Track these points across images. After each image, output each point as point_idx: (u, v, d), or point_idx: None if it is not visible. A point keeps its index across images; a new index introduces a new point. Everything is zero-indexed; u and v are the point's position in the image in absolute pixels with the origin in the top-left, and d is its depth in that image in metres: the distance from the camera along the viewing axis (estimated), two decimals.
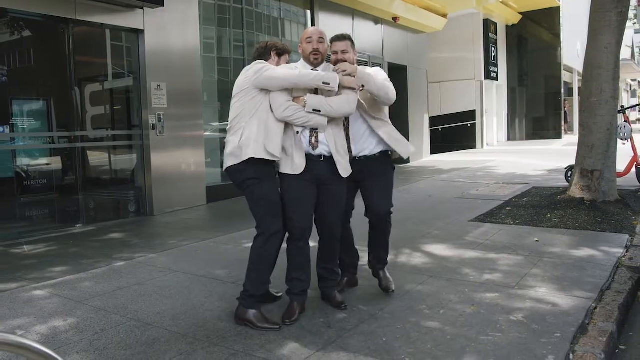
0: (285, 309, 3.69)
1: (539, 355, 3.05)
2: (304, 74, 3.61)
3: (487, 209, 7.39)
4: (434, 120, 19.04)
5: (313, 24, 12.00)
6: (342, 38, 3.97)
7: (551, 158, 14.05)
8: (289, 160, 3.63)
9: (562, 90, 24.07)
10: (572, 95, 27.94)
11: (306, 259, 3.73)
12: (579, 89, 7.34)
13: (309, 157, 3.64)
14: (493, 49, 21.01)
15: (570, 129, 26.42)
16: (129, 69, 8.45)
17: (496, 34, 21.43)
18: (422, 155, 16.37)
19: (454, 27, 18.86)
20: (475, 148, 20.29)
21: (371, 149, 3.98)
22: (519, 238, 5.78)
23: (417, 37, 16.45)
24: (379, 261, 4.16)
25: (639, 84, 57.61)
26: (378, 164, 4.00)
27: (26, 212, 7.63)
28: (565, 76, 25.37)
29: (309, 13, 12.07)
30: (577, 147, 7.66)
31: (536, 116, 24.05)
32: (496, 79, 21.58)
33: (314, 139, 3.64)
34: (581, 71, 8.17)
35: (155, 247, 5.97)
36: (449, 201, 8.32)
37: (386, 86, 3.83)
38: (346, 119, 3.87)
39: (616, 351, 3.39)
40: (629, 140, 8.51)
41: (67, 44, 7.45)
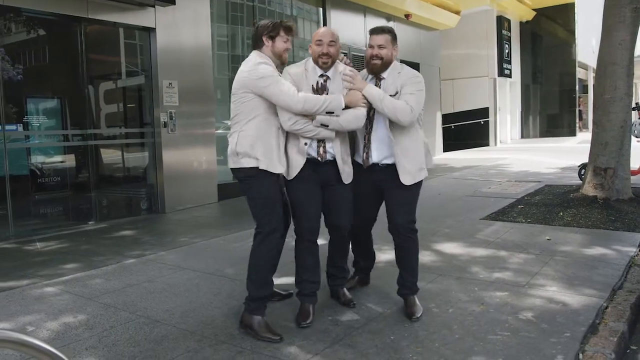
0: (298, 311, 3.60)
1: (548, 355, 3.03)
2: (309, 100, 3.36)
3: (499, 207, 7.34)
4: (446, 118, 18.93)
5: (325, 21, 11.99)
6: (381, 31, 3.68)
7: (565, 156, 13.92)
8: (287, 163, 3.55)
9: (577, 87, 23.86)
10: (587, 93, 27.67)
11: (315, 260, 3.63)
12: (593, 85, 7.26)
13: (314, 160, 3.54)
14: (506, 45, 20.87)
15: (584, 127, 26.19)
16: (140, 67, 8.49)
17: (510, 30, 21.28)
18: (434, 153, 16.29)
19: (467, 24, 18.76)
20: (488, 146, 20.19)
21: (390, 155, 3.64)
22: (530, 236, 5.74)
23: (430, 34, 16.36)
24: (403, 285, 3.76)
25: None
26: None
27: (40, 210, 7.70)
28: (579, 73, 25.15)
29: (320, 10, 12.05)
30: (590, 145, 7.59)
31: (550, 113, 23.88)
32: (510, 76, 21.44)
33: (322, 149, 3.52)
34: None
35: (165, 244, 6.00)
36: (460, 199, 8.27)
37: (395, 108, 3.46)
38: (369, 123, 3.64)
39: (627, 351, 3.35)
40: None
41: (79, 42, 7.51)
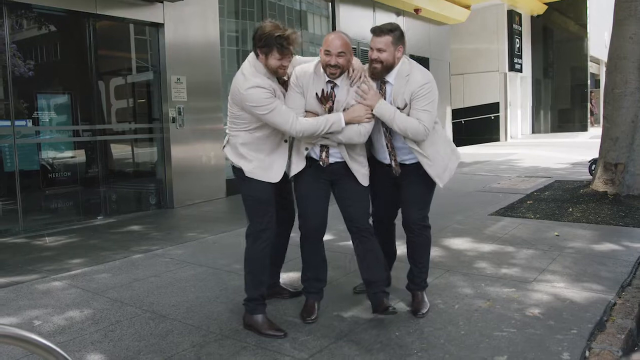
0: (303, 306, 3.58)
1: (554, 351, 3.00)
2: (307, 130, 3.22)
3: (508, 203, 7.30)
4: (456, 113, 18.86)
5: (334, 16, 11.95)
6: (380, 32, 3.37)
7: (576, 151, 13.82)
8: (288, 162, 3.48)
9: (589, 82, 23.64)
10: (599, 87, 27.42)
11: (319, 258, 3.56)
12: (605, 80, 7.19)
13: (317, 162, 3.43)
14: (517, 40, 20.70)
15: (596, 122, 25.96)
16: (149, 62, 8.50)
17: (521, 25, 21.10)
18: None
19: (477, 18, 18.65)
20: (498, 141, 20.07)
21: (409, 158, 3.53)
22: (538, 232, 5.70)
23: (440, 28, 16.28)
24: (412, 280, 3.71)
25: None
26: (415, 170, 3.51)
27: (49, 205, 7.74)
28: (592, 67, 24.92)
29: (330, 5, 12.02)
30: (600, 140, 7.52)
31: (561, 108, 23.69)
32: (520, 70, 21.27)
33: (324, 154, 3.39)
34: None
35: (173, 239, 6.02)
36: (469, 194, 8.23)
37: (407, 129, 3.31)
38: (387, 130, 3.48)
39: (635, 348, 3.32)
40: None
41: (88, 38, 7.53)
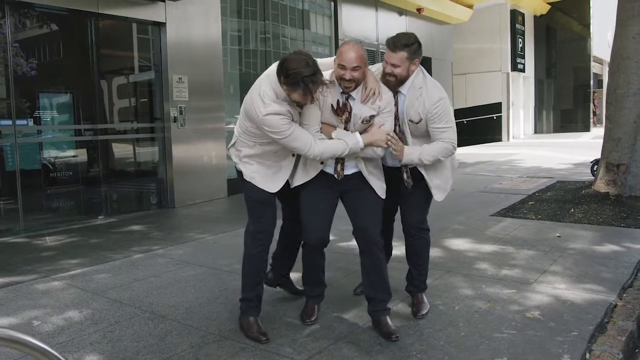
0: (303, 308, 3.57)
1: (554, 353, 2.99)
2: (325, 153, 3.12)
3: (510, 203, 7.28)
4: (459, 113, 18.80)
5: (336, 16, 11.93)
6: (394, 47, 3.23)
7: (578, 151, 13.78)
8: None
9: (592, 82, 23.59)
10: (601, 87, 27.37)
11: (320, 269, 3.51)
12: (607, 80, 7.19)
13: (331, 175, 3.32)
14: (520, 40, 20.66)
15: (599, 122, 25.90)
16: (151, 62, 8.50)
17: (523, 24, 21.05)
18: None
19: (480, 18, 18.62)
20: (501, 141, 20.03)
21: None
22: (540, 233, 5.68)
23: (442, 28, 16.25)
24: (412, 282, 3.69)
25: None
26: (416, 175, 3.48)
27: (50, 204, 7.74)
28: (595, 67, 24.87)
29: (332, 4, 12.00)
30: (602, 141, 7.49)
31: (564, 108, 23.65)
32: (523, 70, 21.23)
33: (339, 166, 3.27)
34: None
35: (174, 239, 6.01)
36: (471, 195, 8.21)
37: (437, 156, 3.36)
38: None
39: (636, 350, 3.30)
40: None
41: (90, 37, 7.54)
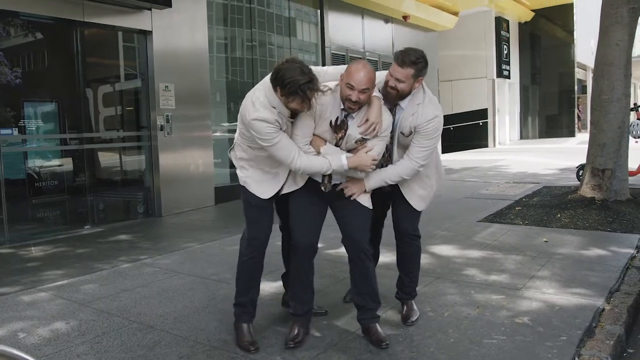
0: (289, 330, 3.35)
1: (543, 358, 3.00)
2: (307, 169, 3.13)
3: (497, 209, 7.31)
4: (445, 119, 18.54)
5: (323, 24, 11.95)
6: (403, 63, 3.19)
7: (564, 157, 13.90)
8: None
9: (576, 88, 23.83)
10: (585, 93, 27.65)
11: (309, 278, 3.36)
12: (592, 86, 7.25)
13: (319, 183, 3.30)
14: (505, 46, 20.85)
15: (584, 127, 26.15)
16: (137, 70, 8.46)
17: (508, 31, 21.26)
18: None
19: (465, 25, 18.75)
20: (487, 147, 20.16)
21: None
22: (527, 238, 5.71)
23: (428, 35, 16.35)
24: (402, 289, 3.69)
25: None
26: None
27: (36, 214, 7.66)
28: (579, 73, 25.11)
29: (318, 12, 12.03)
30: (587, 146, 7.56)
31: (549, 114, 23.87)
32: (508, 77, 21.41)
33: (326, 179, 3.24)
34: None
35: (161, 248, 5.97)
36: (458, 201, 8.25)
37: (401, 175, 3.36)
38: (389, 157, 3.43)
39: (624, 354, 3.33)
40: None
41: (75, 46, 7.49)
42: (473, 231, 6.17)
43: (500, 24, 20.40)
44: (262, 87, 3.13)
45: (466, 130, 20.13)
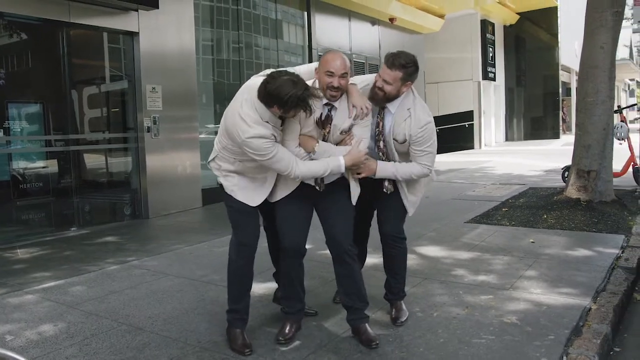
0: (280, 327, 3.41)
1: (532, 357, 3.03)
2: (306, 175, 3.13)
3: (483, 210, 7.36)
4: None
5: (309, 26, 11.96)
6: (392, 66, 3.27)
7: (549, 158, 14.01)
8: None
9: (560, 90, 24.07)
10: (570, 95, 27.95)
11: (299, 282, 3.41)
12: (576, 88, 7.35)
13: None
14: (491, 49, 20.99)
15: (568, 129, 26.42)
16: (124, 71, 8.42)
17: (494, 34, 21.40)
18: None
19: (451, 27, 18.86)
20: (473, 149, 20.27)
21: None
22: (514, 239, 5.76)
23: (414, 37, 16.44)
24: (390, 291, 3.71)
25: (637, 83, 57.58)
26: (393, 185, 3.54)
27: (22, 216, 7.58)
28: (563, 76, 25.38)
29: (305, 14, 12.04)
30: (572, 148, 7.64)
31: (534, 116, 24.06)
32: (494, 79, 21.56)
33: (319, 179, 3.25)
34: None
35: (149, 250, 5.94)
36: (445, 202, 8.29)
37: (412, 174, 3.40)
38: (385, 156, 3.47)
39: (610, 353, 3.37)
40: (626, 140, 8.47)
41: (61, 47, 7.43)
42: (460, 232, 6.21)
43: (486, 26, 20.54)
44: (249, 103, 3.04)
45: (452, 132, 20.21)
